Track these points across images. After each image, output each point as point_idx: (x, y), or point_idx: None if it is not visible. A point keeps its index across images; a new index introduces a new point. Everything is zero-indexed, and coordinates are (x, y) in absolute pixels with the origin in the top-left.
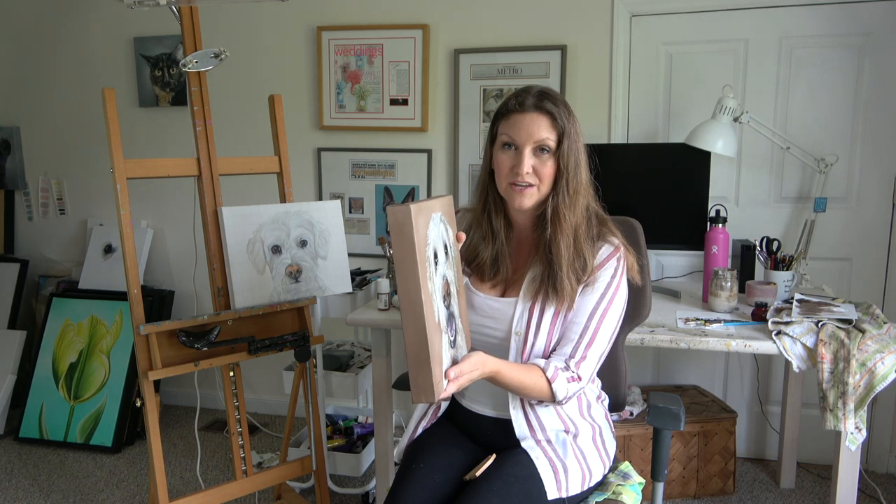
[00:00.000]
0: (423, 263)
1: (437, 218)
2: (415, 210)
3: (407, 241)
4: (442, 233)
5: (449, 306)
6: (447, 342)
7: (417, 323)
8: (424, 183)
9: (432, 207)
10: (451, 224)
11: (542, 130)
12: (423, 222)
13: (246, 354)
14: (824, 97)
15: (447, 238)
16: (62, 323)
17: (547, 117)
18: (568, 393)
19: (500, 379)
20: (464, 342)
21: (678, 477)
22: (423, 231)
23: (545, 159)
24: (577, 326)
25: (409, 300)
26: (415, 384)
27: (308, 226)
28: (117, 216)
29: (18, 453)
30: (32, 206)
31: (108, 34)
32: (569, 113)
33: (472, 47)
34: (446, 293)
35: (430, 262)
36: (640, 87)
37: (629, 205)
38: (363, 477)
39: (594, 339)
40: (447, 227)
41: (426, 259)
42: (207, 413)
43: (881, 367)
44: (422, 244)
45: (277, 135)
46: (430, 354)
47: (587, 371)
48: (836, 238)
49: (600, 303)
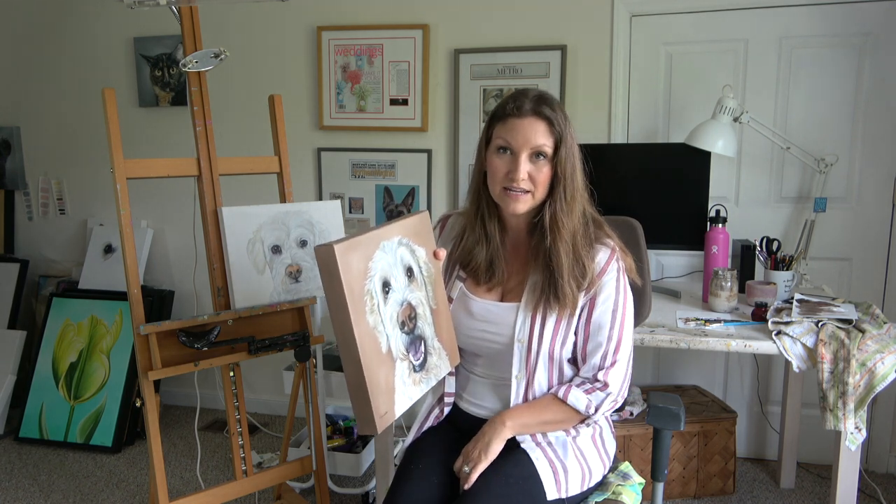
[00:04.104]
0: (357, 300)
1: (393, 244)
2: (342, 249)
3: (334, 280)
4: (401, 258)
5: (413, 330)
6: (405, 370)
7: (353, 360)
8: (424, 183)
9: (385, 235)
10: (424, 242)
11: (539, 136)
12: (358, 257)
13: (246, 354)
14: (824, 97)
15: (413, 260)
16: (62, 323)
17: (544, 122)
18: (592, 402)
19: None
20: (443, 359)
21: (678, 477)
22: (361, 265)
23: (541, 166)
24: (601, 337)
25: (342, 338)
26: (357, 416)
27: (308, 226)
28: (117, 216)
29: (18, 453)
30: (32, 206)
31: (108, 34)
32: (565, 118)
33: (472, 47)
34: (408, 317)
35: (376, 293)
36: (640, 87)
37: (629, 205)
38: (363, 477)
39: (620, 344)
40: (413, 248)
41: (364, 293)
42: (207, 413)
43: (881, 367)
44: (356, 281)
45: (277, 135)
46: (369, 389)
47: (616, 377)
48: (836, 238)
49: (616, 309)
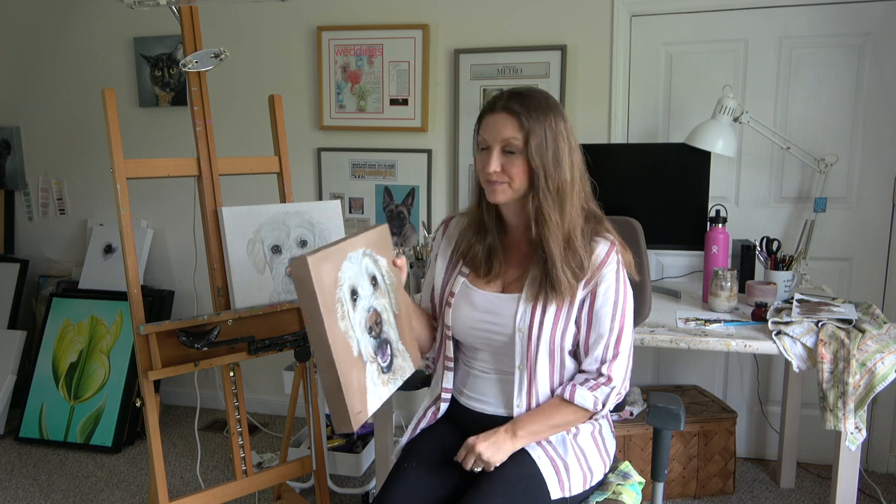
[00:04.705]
0: (329, 307)
1: (358, 255)
2: (315, 260)
3: (308, 291)
4: (366, 267)
5: (380, 335)
6: (374, 371)
7: (328, 363)
8: (424, 183)
9: (350, 246)
10: (384, 252)
11: (507, 130)
12: (329, 267)
13: (246, 354)
14: (824, 97)
15: (376, 269)
16: (62, 323)
17: (512, 117)
18: (598, 398)
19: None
20: (407, 361)
21: (678, 477)
22: (331, 275)
23: (513, 159)
24: (603, 329)
25: (318, 344)
26: (333, 415)
27: (308, 226)
28: (117, 216)
29: (18, 453)
30: (32, 206)
31: (108, 34)
32: (543, 112)
33: (472, 47)
34: (375, 322)
35: (345, 301)
36: (640, 87)
37: (629, 205)
38: (363, 477)
39: (621, 336)
40: (376, 258)
41: (336, 301)
42: (207, 413)
43: (881, 367)
44: (328, 289)
45: (277, 135)
46: (344, 390)
47: (619, 370)
48: (836, 238)
49: (617, 300)
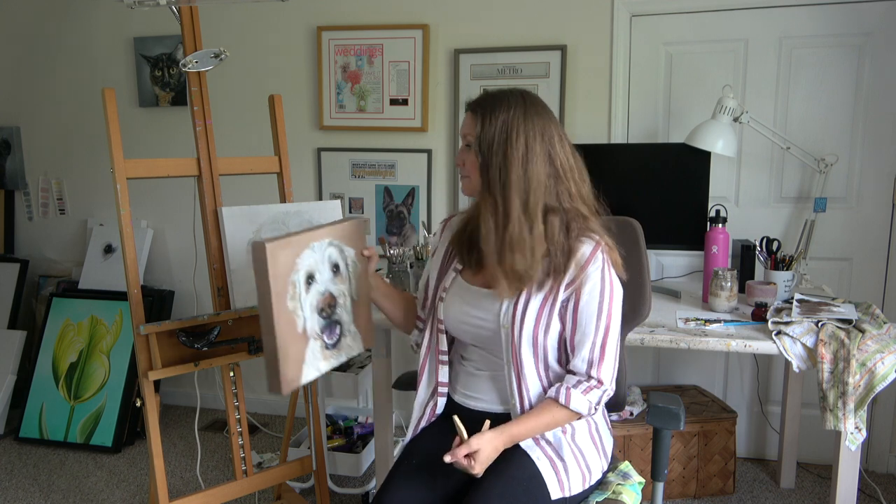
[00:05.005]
0: (280, 287)
1: (323, 245)
2: (273, 247)
3: (261, 272)
4: (328, 256)
5: (331, 316)
6: (317, 347)
7: (269, 332)
8: (424, 183)
9: (315, 237)
10: (355, 244)
11: (466, 127)
12: (287, 254)
13: (246, 354)
14: (824, 97)
15: (340, 258)
16: (62, 323)
17: (472, 115)
18: (592, 402)
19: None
20: (356, 341)
21: (678, 477)
22: (289, 260)
23: (469, 153)
24: (588, 328)
25: (263, 314)
26: (268, 378)
27: (308, 226)
28: (117, 216)
29: (18, 453)
30: (32, 206)
31: (108, 34)
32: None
33: (472, 47)
34: (327, 305)
35: (299, 283)
36: (640, 87)
37: (629, 205)
38: (363, 477)
39: (608, 336)
40: (343, 248)
41: (288, 283)
42: (207, 413)
43: (881, 367)
44: (282, 272)
45: (277, 135)
46: (280, 358)
47: (607, 371)
48: (836, 238)
49: (602, 299)
